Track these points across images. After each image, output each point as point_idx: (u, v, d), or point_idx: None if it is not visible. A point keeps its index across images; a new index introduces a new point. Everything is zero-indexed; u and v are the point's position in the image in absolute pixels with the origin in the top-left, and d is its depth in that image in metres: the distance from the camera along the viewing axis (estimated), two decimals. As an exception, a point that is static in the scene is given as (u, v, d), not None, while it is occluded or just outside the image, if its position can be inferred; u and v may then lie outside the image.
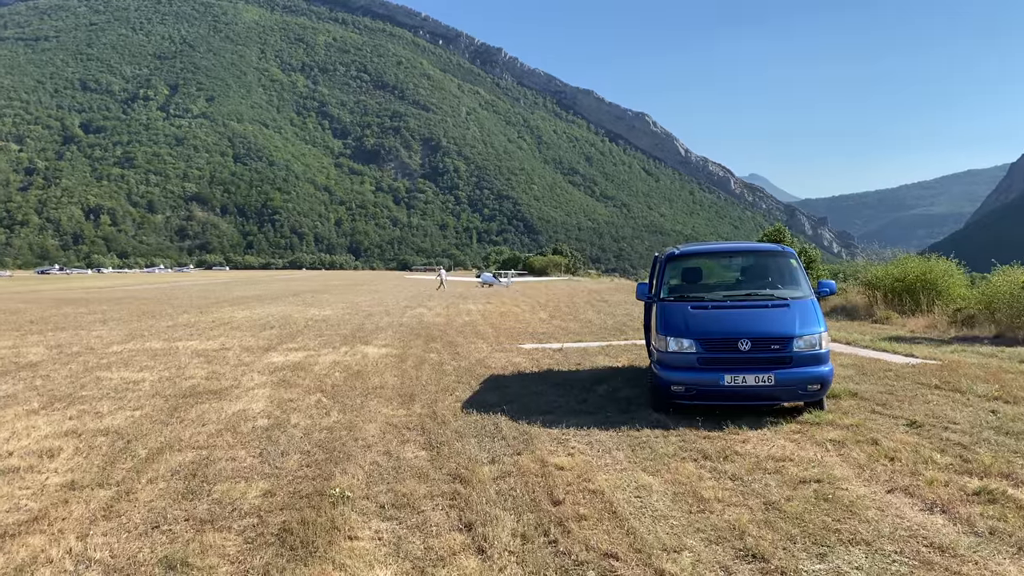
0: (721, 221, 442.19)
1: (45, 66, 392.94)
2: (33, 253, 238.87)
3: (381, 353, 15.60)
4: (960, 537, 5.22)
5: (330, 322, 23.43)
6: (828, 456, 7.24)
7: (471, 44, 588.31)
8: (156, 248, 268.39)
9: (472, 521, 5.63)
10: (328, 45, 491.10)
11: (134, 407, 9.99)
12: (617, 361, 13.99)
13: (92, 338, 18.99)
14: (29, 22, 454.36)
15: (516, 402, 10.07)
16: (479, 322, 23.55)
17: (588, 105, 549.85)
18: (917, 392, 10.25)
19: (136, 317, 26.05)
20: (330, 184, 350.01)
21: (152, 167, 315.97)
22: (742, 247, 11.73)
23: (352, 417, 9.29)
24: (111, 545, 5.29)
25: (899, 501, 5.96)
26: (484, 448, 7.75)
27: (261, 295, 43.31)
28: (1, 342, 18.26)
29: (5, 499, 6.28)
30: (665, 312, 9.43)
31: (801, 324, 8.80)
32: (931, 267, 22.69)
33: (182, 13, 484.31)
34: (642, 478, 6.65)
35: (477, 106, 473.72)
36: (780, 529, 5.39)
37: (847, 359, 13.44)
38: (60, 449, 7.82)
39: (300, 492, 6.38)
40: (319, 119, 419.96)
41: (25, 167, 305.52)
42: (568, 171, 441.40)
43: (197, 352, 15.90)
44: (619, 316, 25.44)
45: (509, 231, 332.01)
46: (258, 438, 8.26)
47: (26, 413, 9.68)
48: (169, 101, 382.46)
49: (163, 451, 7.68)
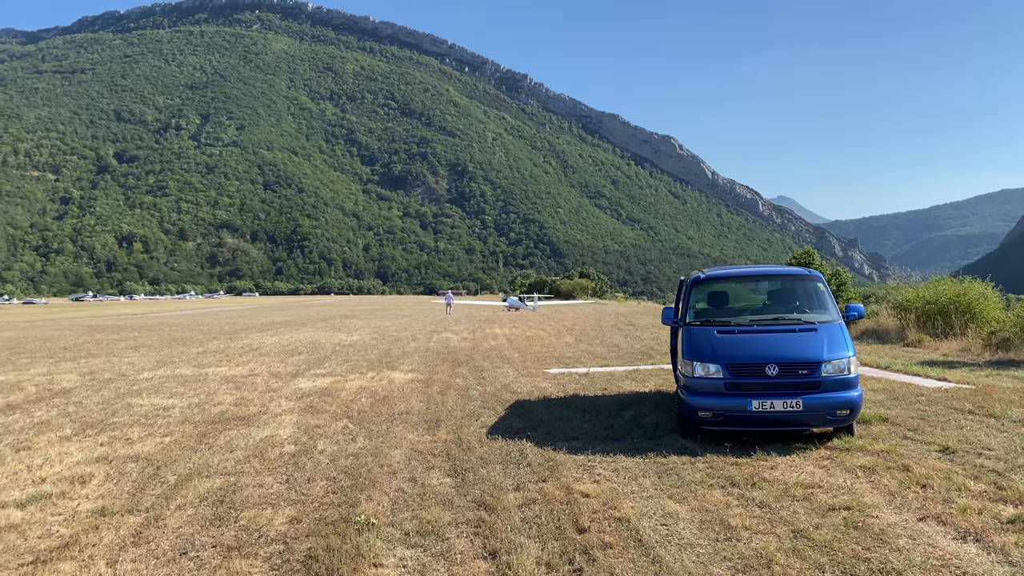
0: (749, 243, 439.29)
1: (81, 97, 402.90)
2: (68, 281, 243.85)
3: (407, 378, 15.65)
4: (994, 567, 5.11)
5: (357, 347, 23.56)
6: (858, 483, 7.12)
7: (497, 71, 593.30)
8: (187, 275, 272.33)
9: (497, 549, 5.62)
10: (356, 73, 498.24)
11: (164, 433, 10.11)
12: (644, 386, 13.90)
13: (124, 365, 19.27)
14: (66, 55, 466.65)
15: (541, 428, 10.04)
16: (505, 347, 23.55)
17: (614, 129, 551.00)
18: (950, 417, 10.06)
19: (167, 344, 26.39)
20: (358, 210, 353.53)
21: (184, 195, 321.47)
22: (768, 271, 11.64)
23: (378, 443, 9.32)
24: (140, 572, 5.34)
25: (931, 529, 5.85)
26: (509, 475, 7.73)
27: (290, 321, 43.68)
28: (36, 369, 18.59)
29: (38, 525, 6.38)
30: (691, 337, 9.37)
31: (829, 348, 8.70)
32: (965, 289, 22.32)
33: (213, 44, 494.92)
34: (668, 505, 6.59)
35: (503, 131, 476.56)
36: (808, 558, 5.31)
37: (877, 383, 13.23)
38: (91, 475, 7.93)
39: (326, 519, 6.41)
40: (347, 146, 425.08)
41: (61, 196, 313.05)
42: (594, 195, 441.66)
43: (226, 378, 16.06)
44: (646, 340, 25.29)
45: (535, 255, 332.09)
46: (285, 464, 8.31)
47: (59, 439, 9.83)
48: (200, 130, 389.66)
49: (192, 477, 7.76)
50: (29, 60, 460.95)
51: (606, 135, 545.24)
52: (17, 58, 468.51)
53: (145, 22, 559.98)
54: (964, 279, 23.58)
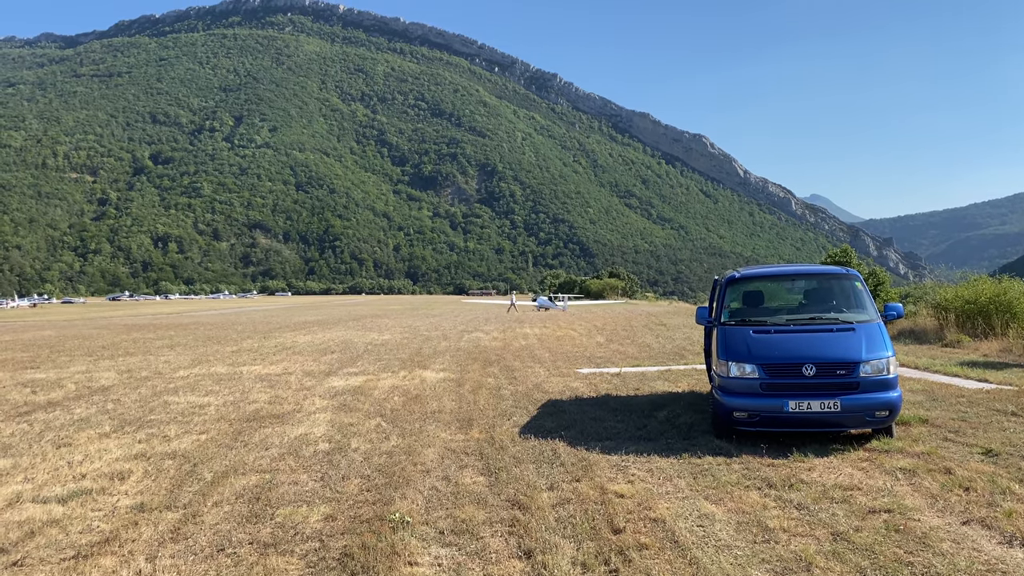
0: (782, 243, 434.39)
1: (117, 100, 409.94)
2: (105, 280, 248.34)
3: (439, 378, 15.69)
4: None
5: (389, 346, 23.67)
6: (898, 485, 6.99)
7: (526, 70, 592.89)
8: (221, 274, 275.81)
9: (532, 548, 5.59)
10: (387, 75, 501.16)
11: (200, 431, 10.23)
12: (677, 386, 13.79)
13: (160, 363, 19.55)
14: (103, 59, 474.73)
15: (574, 428, 10.00)
16: (536, 346, 23.51)
17: (644, 128, 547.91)
18: (992, 419, 9.86)
19: (202, 342, 26.73)
20: (389, 210, 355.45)
21: (217, 196, 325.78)
22: (805, 270, 11.48)
23: (411, 442, 9.35)
24: (178, 567, 5.40)
25: (975, 533, 5.72)
26: (542, 474, 7.70)
27: (322, 320, 44.03)
28: (75, 367, 18.93)
29: (79, 520, 6.48)
30: (726, 337, 9.28)
31: (868, 348, 8.56)
32: (1005, 288, 21.84)
33: (247, 47, 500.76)
34: (704, 506, 6.53)
35: (533, 131, 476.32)
36: (849, 561, 5.22)
37: (916, 384, 13.01)
38: (130, 472, 8.04)
39: (360, 517, 6.43)
40: (378, 147, 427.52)
41: (99, 198, 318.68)
42: (624, 194, 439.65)
43: (260, 377, 16.22)
44: (678, 340, 25.11)
45: (565, 254, 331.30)
46: (319, 462, 8.37)
47: (98, 436, 10.00)
48: (234, 132, 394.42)
49: (228, 475, 7.84)
50: (68, 64, 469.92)
51: (636, 134, 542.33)
52: (56, 62, 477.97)
53: (180, 25, 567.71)
54: (1003, 278, 23.09)
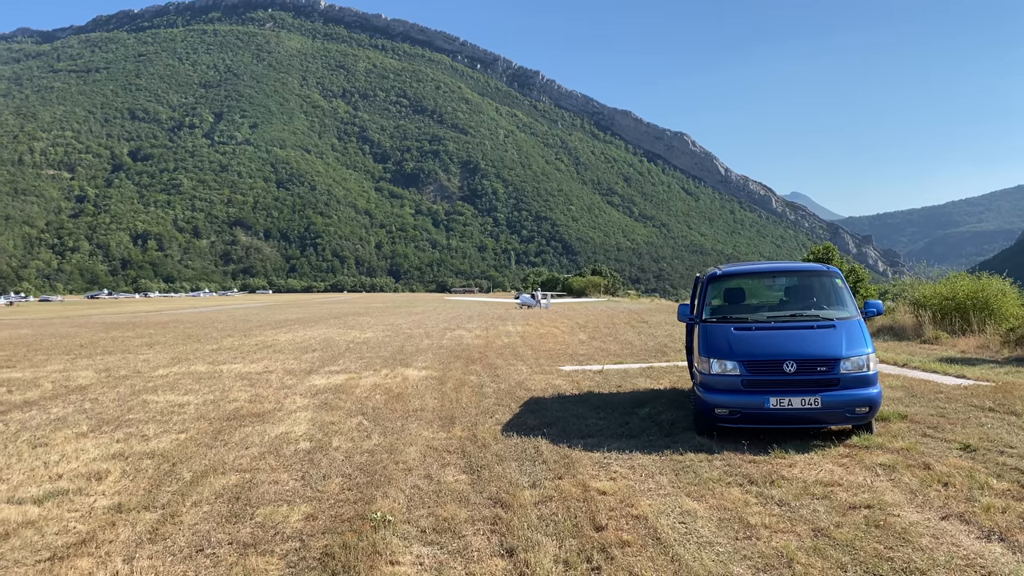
0: (763, 240, 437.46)
1: (95, 96, 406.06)
2: (83, 278, 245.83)
3: (421, 376, 15.64)
4: (1020, 567, 5.02)
5: (371, 344, 23.59)
6: (878, 481, 7.04)
7: (509, 67, 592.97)
8: (201, 272, 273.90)
9: (514, 547, 5.57)
10: (368, 71, 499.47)
11: (179, 430, 10.13)
12: (659, 383, 13.83)
13: (139, 362, 19.36)
14: (81, 54, 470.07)
15: (556, 425, 9.99)
16: (518, 344, 23.51)
17: (626, 126, 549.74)
18: (970, 415, 9.94)
19: (181, 341, 26.51)
20: (370, 208, 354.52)
21: (197, 193, 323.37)
22: (786, 267, 11.53)
23: (393, 440, 9.30)
24: (156, 568, 5.33)
25: (954, 528, 5.76)
26: (525, 472, 7.69)
27: (303, 318, 43.81)
28: (52, 366, 18.70)
29: (55, 521, 6.39)
30: (708, 334, 9.29)
31: (848, 345, 8.61)
32: (983, 285, 22.09)
33: (226, 43, 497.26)
34: (686, 503, 6.53)
35: (515, 128, 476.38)
36: (830, 557, 5.24)
37: (896, 380, 13.11)
38: (108, 472, 7.94)
39: (342, 516, 6.39)
40: (359, 144, 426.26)
41: (76, 195, 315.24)
42: (606, 192, 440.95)
43: (241, 375, 16.10)
44: (660, 337, 25.19)
45: (547, 252, 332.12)
46: (300, 461, 8.31)
47: (75, 436, 9.87)
48: (214, 128, 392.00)
49: (207, 474, 7.76)
50: (44, 59, 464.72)
51: (618, 132, 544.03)
52: (33, 57, 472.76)
53: (159, 21, 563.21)
54: (981, 275, 23.34)
